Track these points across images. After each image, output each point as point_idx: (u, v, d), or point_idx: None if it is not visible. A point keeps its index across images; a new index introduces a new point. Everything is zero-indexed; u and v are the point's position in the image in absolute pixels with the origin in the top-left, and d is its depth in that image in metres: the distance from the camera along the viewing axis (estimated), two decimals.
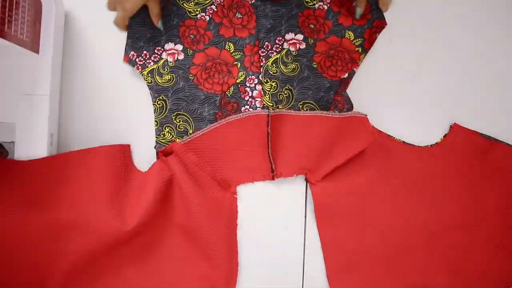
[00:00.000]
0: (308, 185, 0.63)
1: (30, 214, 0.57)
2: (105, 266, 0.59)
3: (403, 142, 0.64)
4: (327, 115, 0.62)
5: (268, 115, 0.61)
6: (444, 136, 0.65)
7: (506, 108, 0.66)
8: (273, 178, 0.62)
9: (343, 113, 0.61)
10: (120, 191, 0.59)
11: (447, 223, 0.63)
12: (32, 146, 0.58)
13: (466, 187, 0.64)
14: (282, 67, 0.63)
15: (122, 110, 0.64)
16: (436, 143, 0.65)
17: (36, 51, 0.56)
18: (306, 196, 0.64)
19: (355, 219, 0.63)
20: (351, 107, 0.63)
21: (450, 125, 0.65)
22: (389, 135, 0.64)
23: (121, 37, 0.64)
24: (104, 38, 0.64)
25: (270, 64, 0.63)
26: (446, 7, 0.67)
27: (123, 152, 0.61)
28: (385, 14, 0.64)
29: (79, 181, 0.59)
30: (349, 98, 0.63)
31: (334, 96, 0.63)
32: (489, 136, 0.64)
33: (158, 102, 0.62)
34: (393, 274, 0.62)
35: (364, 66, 0.65)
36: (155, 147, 0.62)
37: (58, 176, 0.58)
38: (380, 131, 0.64)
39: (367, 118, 0.62)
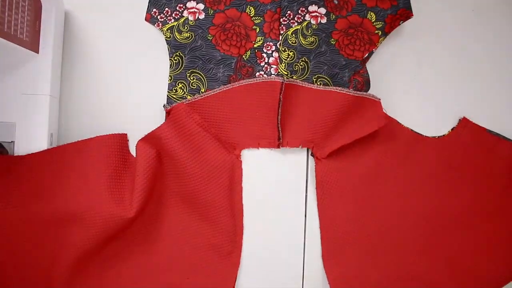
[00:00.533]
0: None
1: (31, 209, 0.56)
2: (112, 254, 0.59)
3: (411, 130, 0.64)
4: (341, 91, 0.62)
5: (282, 82, 0.61)
6: (452, 129, 0.65)
7: None
8: (278, 147, 0.63)
9: (358, 93, 0.61)
10: (119, 179, 0.59)
11: (447, 216, 0.63)
12: (32, 146, 0.58)
13: (469, 182, 0.63)
14: (301, 38, 0.63)
15: (122, 109, 0.64)
16: (443, 135, 0.65)
17: (36, 50, 0.56)
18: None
19: (356, 201, 0.63)
20: (368, 89, 0.63)
21: (459, 119, 0.65)
22: (398, 122, 0.64)
23: (121, 37, 0.64)
24: (104, 38, 0.64)
25: (290, 33, 0.63)
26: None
27: (120, 140, 0.61)
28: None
29: (78, 172, 0.59)
30: (369, 80, 0.63)
31: (354, 75, 0.63)
32: (497, 134, 0.64)
33: (175, 58, 0.63)
34: (388, 262, 0.62)
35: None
36: (163, 106, 0.62)
37: (56, 168, 0.58)
38: (390, 116, 0.64)
39: (380, 102, 0.62)
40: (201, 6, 0.63)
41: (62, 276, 0.57)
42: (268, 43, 0.63)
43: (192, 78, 0.63)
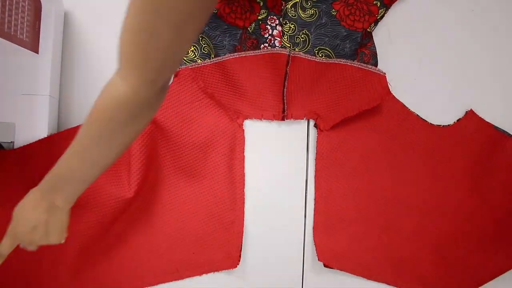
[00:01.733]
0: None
1: None
2: (116, 238, 0.60)
3: (417, 115, 0.64)
4: (347, 63, 0.62)
5: (288, 54, 0.61)
6: (457, 120, 0.65)
7: None
8: (283, 119, 0.63)
9: (363, 65, 0.61)
10: None
11: (442, 205, 0.63)
12: None
13: (469, 174, 0.63)
14: (300, 11, 0.63)
15: None
16: (448, 125, 0.65)
17: (36, 51, 0.56)
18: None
19: (353, 179, 0.63)
20: (375, 64, 0.63)
21: (466, 111, 0.65)
22: (404, 105, 0.64)
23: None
24: (103, 38, 0.64)
25: (289, 7, 0.63)
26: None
27: None
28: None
29: None
30: (376, 54, 0.63)
31: (361, 48, 0.63)
32: (504, 131, 0.64)
33: None
34: (378, 243, 0.63)
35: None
36: None
37: (48, 159, 0.57)
38: (397, 99, 0.64)
39: (385, 76, 0.62)
40: None
41: (70, 265, 0.58)
42: (272, 16, 0.63)
43: (203, 43, 0.63)
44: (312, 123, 0.64)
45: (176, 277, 0.61)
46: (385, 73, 0.62)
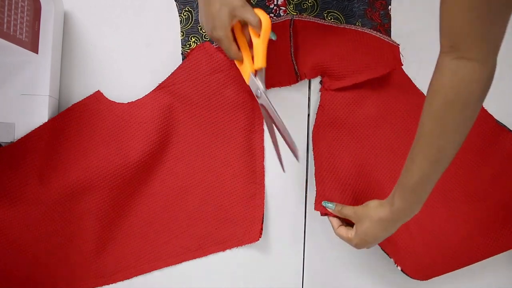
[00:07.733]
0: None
1: (37, 195, 0.57)
2: (136, 218, 0.61)
3: (422, 93, 0.64)
4: (357, 29, 0.61)
5: (291, 19, 0.61)
6: None
7: None
8: (297, 81, 0.63)
9: (373, 32, 0.61)
10: (109, 130, 0.60)
11: (434, 189, 0.63)
12: None
13: (465, 161, 0.63)
14: None
15: None
16: None
17: (35, 51, 0.56)
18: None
19: (351, 138, 0.63)
20: (388, 23, 0.63)
21: None
22: (411, 80, 0.64)
23: (120, 37, 0.64)
24: (103, 37, 0.64)
25: None
26: None
27: (96, 98, 0.61)
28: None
29: (68, 144, 0.59)
30: (389, 15, 0.62)
31: (371, 7, 0.62)
32: (504, 125, 0.64)
33: (184, 14, 0.63)
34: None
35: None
36: (182, 53, 0.63)
37: (47, 148, 0.59)
38: (405, 73, 0.64)
39: (399, 47, 0.61)
40: None
41: (93, 250, 0.58)
42: None
43: (204, 31, 0.63)
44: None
45: (199, 254, 0.62)
46: (398, 44, 0.61)
